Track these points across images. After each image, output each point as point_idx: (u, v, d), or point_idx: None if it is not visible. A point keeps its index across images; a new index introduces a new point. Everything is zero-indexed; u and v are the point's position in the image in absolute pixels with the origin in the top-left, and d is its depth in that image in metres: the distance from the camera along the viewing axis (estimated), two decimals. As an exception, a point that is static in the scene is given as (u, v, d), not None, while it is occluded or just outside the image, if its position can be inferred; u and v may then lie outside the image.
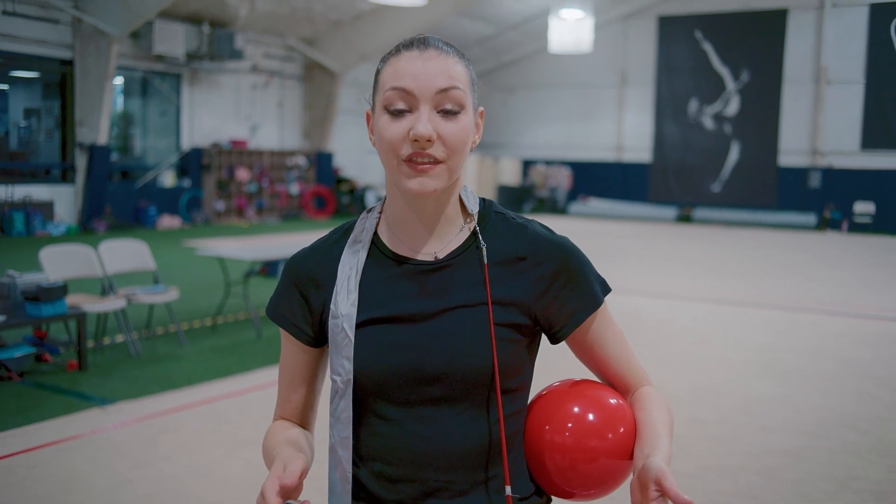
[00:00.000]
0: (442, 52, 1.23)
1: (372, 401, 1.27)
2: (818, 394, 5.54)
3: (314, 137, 20.52)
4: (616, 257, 12.82)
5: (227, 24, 17.30)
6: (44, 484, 3.77)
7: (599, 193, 23.28)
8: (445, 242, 1.31)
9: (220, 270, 7.81)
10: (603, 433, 1.26)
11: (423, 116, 1.19)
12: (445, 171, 1.22)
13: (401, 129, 1.20)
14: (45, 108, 16.26)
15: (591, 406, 1.29)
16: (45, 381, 5.47)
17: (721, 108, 21.58)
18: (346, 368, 1.26)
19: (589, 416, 1.27)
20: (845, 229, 19.23)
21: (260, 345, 6.71)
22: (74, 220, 15.28)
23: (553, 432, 1.28)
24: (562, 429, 1.27)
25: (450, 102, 1.21)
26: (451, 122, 1.21)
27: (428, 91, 1.20)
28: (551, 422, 1.29)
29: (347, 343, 1.26)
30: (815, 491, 3.86)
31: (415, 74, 1.20)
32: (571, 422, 1.27)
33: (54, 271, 5.93)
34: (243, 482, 3.83)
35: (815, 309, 8.81)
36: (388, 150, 1.22)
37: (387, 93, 1.22)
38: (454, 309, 1.26)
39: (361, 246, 1.32)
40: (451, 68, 1.22)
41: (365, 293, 1.28)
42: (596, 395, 1.32)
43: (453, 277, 1.28)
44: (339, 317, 1.27)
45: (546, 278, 1.31)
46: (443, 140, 1.20)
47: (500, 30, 22.76)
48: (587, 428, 1.26)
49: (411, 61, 1.22)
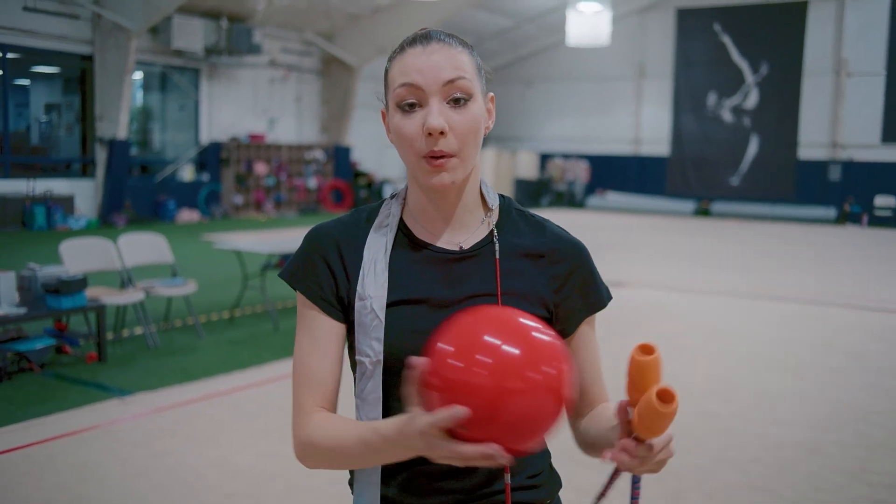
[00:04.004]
0: (445, 44, 1.26)
1: (398, 382, 1.28)
2: (831, 387, 5.53)
3: (332, 131, 20.58)
4: (633, 251, 12.79)
5: (245, 18, 17.39)
6: (62, 473, 3.84)
7: (617, 187, 23.20)
8: (468, 233, 1.34)
9: (238, 264, 7.87)
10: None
11: (433, 109, 1.22)
12: (460, 162, 1.25)
13: (415, 124, 1.23)
14: (66, 104, 16.41)
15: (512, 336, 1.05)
16: (65, 372, 5.55)
17: (740, 101, 21.44)
18: (375, 350, 1.27)
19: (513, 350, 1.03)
20: (865, 223, 19.07)
21: (277, 337, 6.76)
22: (94, 214, 15.42)
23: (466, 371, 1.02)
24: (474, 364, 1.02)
25: (458, 91, 1.23)
26: (461, 112, 1.24)
27: (435, 84, 1.22)
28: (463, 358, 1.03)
29: (377, 324, 1.27)
30: (827, 483, 3.86)
31: (420, 69, 1.23)
32: (488, 356, 1.02)
33: (74, 264, 6.01)
34: (259, 473, 3.88)
35: (829, 302, 8.77)
36: (406, 147, 1.25)
37: (396, 90, 1.25)
38: (478, 296, 1.29)
39: (388, 230, 1.34)
40: (455, 58, 1.25)
41: (393, 276, 1.30)
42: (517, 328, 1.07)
43: (477, 267, 1.32)
44: (367, 298, 1.28)
45: (562, 277, 1.36)
46: (454, 131, 1.23)
47: (517, 23, 22.71)
48: (512, 364, 1.02)
49: (416, 57, 1.24)
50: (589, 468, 3.86)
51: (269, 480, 3.81)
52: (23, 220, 14.15)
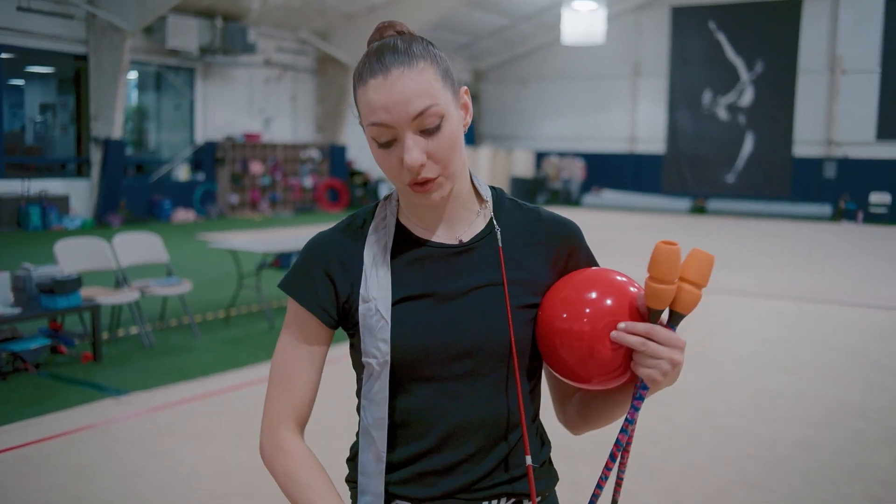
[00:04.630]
0: (404, 66, 1.21)
1: (404, 378, 1.29)
2: (827, 385, 5.54)
3: (327, 130, 20.56)
4: (628, 249, 12.79)
5: (240, 17, 17.36)
6: (58, 473, 3.84)
7: (613, 185, 23.21)
8: (465, 227, 1.35)
9: (234, 263, 7.87)
10: (621, 317, 1.26)
11: (408, 145, 1.20)
12: (445, 180, 1.25)
13: (393, 159, 1.23)
14: (60, 103, 16.38)
15: (607, 291, 1.29)
16: (61, 372, 5.54)
17: (735, 99, 21.47)
18: (381, 350, 1.27)
19: (606, 302, 1.27)
20: (860, 220, 19.11)
21: (272, 336, 6.76)
22: (90, 214, 15.39)
23: (571, 320, 1.27)
24: (579, 315, 1.27)
25: (428, 120, 1.21)
26: (436, 138, 1.22)
27: (404, 120, 1.19)
28: (568, 310, 1.28)
29: (383, 325, 1.27)
30: (823, 480, 3.87)
31: (386, 106, 1.19)
32: (589, 307, 1.27)
33: (69, 264, 6.00)
34: (254, 472, 3.88)
35: (825, 300, 8.79)
36: (390, 177, 1.27)
37: (369, 128, 1.23)
38: (482, 287, 1.30)
39: (385, 231, 1.34)
40: (418, 82, 1.20)
41: (395, 274, 1.31)
42: (610, 281, 1.31)
43: (479, 259, 1.33)
44: (371, 300, 1.28)
45: (562, 258, 1.38)
46: (433, 157, 1.22)
47: (512, 21, 22.71)
48: (604, 312, 1.26)
49: (378, 92, 1.20)
50: (586, 463, 3.86)
51: (266, 479, 3.80)
52: (18, 220, 14.12)
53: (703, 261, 1.23)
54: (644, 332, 1.22)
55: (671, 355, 1.22)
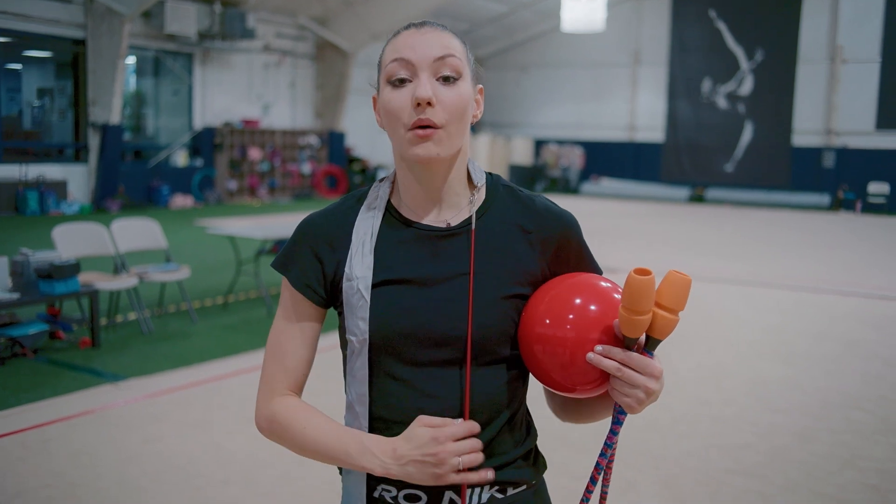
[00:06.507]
0: (438, 29, 1.30)
1: (384, 360, 1.31)
2: (823, 374, 5.55)
3: (326, 117, 20.52)
4: (627, 237, 12.80)
5: (239, 3, 17.29)
6: (56, 458, 3.84)
7: (612, 173, 23.20)
8: (455, 211, 1.35)
9: (232, 249, 7.87)
10: (604, 324, 1.24)
11: (423, 81, 1.25)
12: (446, 136, 1.27)
13: (404, 97, 1.27)
14: (58, 88, 16.32)
15: (592, 298, 1.27)
16: (59, 357, 5.54)
17: (735, 88, 21.44)
18: (360, 329, 1.30)
19: (591, 308, 1.25)
20: (859, 210, 19.12)
21: (270, 322, 6.74)
22: (88, 200, 15.37)
23: (554, 326, 1.26)
24: (562, 322, 1.25)
25: (447, 69, 1.27)
26: (449, 88, 1.27)
27: (426, 59, 1.26)
28: (551, 315, 1.26)
29: (363, 304, 1.29)
30: (819, 470, 3.88)
31: (412, 46, 1.27)
32: (573, 314, 1.25)
33: (67, 249, 5.99)
34: (251, 459, 3.89)
35: (822, 289, 8.80)
36: (393, 120, 1.28)
37: (388, 66, 1.29)
38: (465, 274, 1.31)
39: (376, 212, 1.36)
40: (447, 41, 1.29)
41: (380, 256, 1.33)
42: (595, 287, 1.29)
43: (464, 244, 1.33)
44: (354, 279, 1.31)
45: (554, 248, 1.37)
46: (442, 103, 1.26)
47: (512, 8, 22.64)
48: (589, 320, 1.24)
49: (409, 37, 1.29)
50: (584, 453, 3.88)
51: (263, 466, 3.81)
52: (15, 205, 14.10)
53: (679, 286, 1.20)
54: (620, 360, 1.21)
55: (646, 383, 1.21)
